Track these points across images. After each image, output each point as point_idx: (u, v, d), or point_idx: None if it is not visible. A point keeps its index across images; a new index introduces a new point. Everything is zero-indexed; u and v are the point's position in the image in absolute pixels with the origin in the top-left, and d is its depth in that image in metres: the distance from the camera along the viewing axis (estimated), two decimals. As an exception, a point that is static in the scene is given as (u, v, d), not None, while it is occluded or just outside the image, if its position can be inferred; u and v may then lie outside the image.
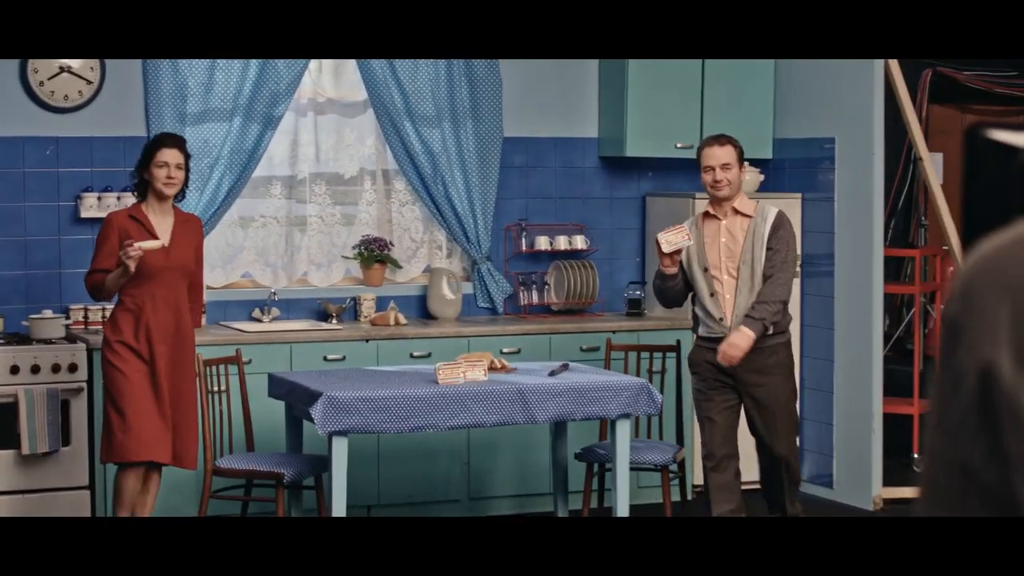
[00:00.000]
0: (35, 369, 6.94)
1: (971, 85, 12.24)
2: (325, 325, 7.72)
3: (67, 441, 6.96)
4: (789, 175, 8.41)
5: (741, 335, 6.32)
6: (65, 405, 6.96)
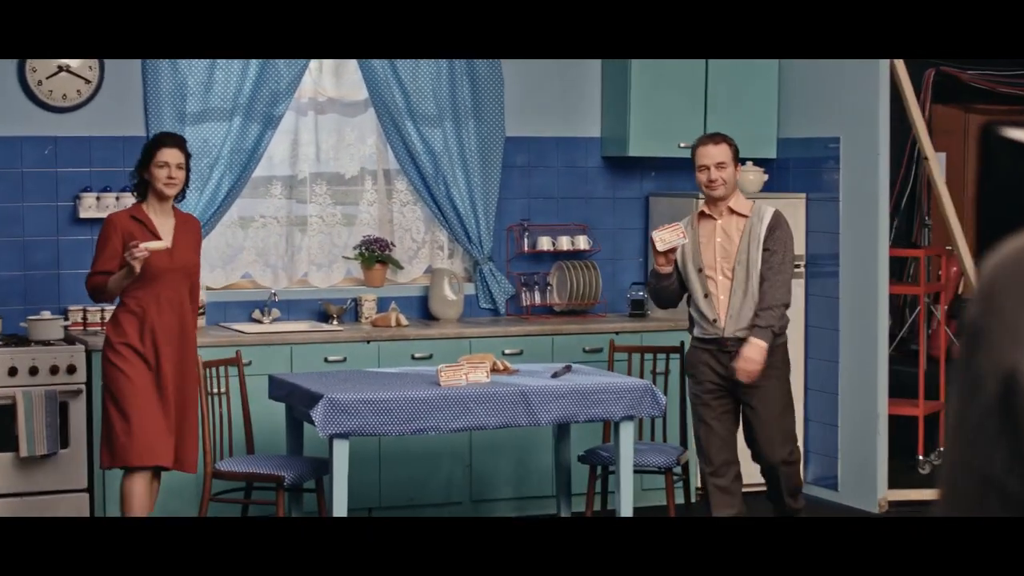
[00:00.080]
0: (33, 371, 6.90)
1: (974, 84, 12.22)
2: (326, 326, 7.68)
3: (66, 443, 6.93)
4: (793, 175, 8.37)
5: (753, 348, 6.25)
6: (64, 407, 6.92)
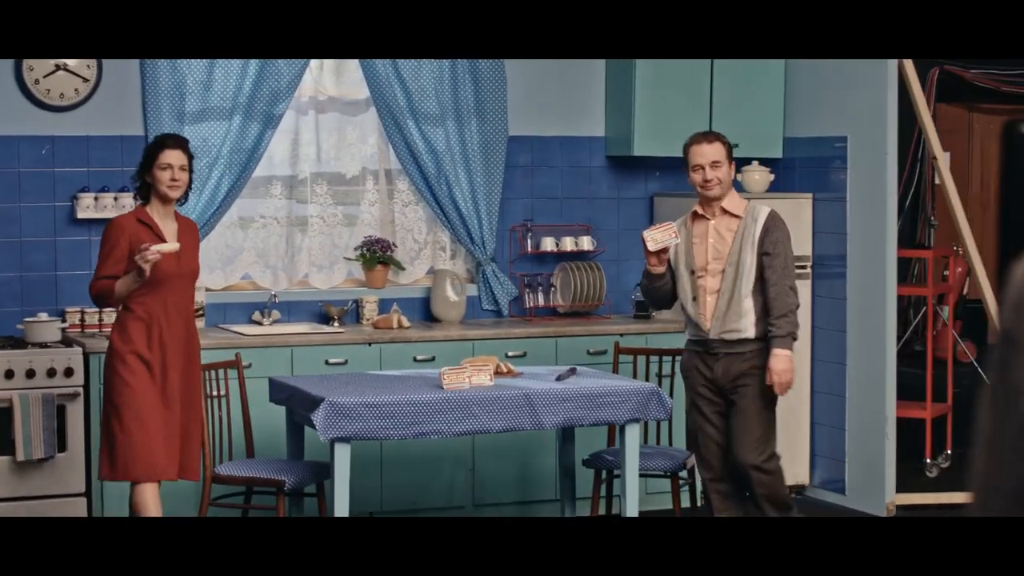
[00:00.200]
0: (30, 373, 6.84)
1: (978, 84, 12.15)
2: (326, 328, 7.62)
3: (63, 447, 6.87)
4: (799, 174, 8.30)
5: (779, 359, 6.16)
6: (61, 410, 6.86)
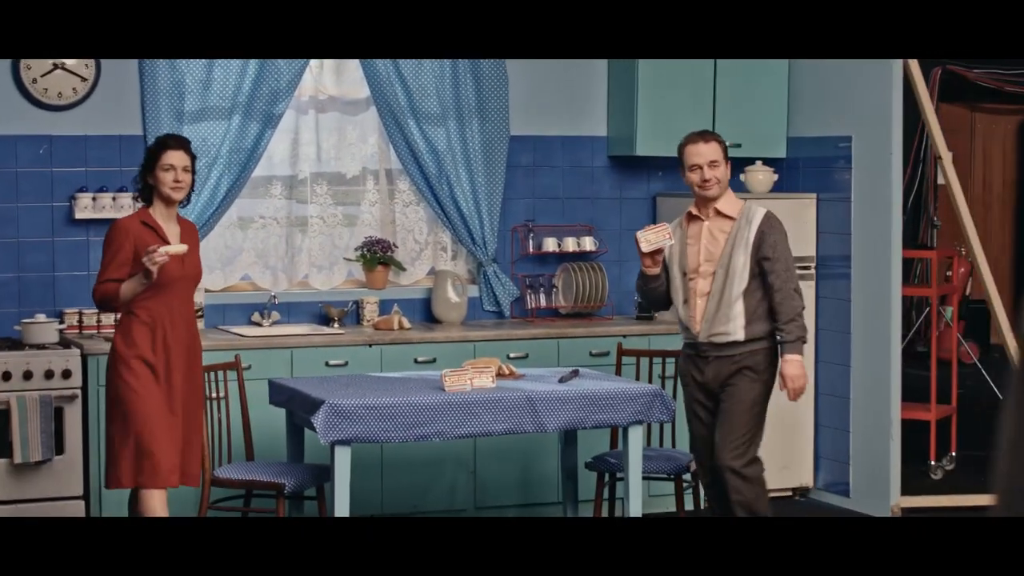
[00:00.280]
0: (28, 375, 6.79)
1: (980, 83, 12.10)
2: (327, 329, 7.58)
3: (61, 450, 6.83)
4: (803, 174, 8.26)
5: (791, 365, 6.07)
6: (59, 412, 6.82)
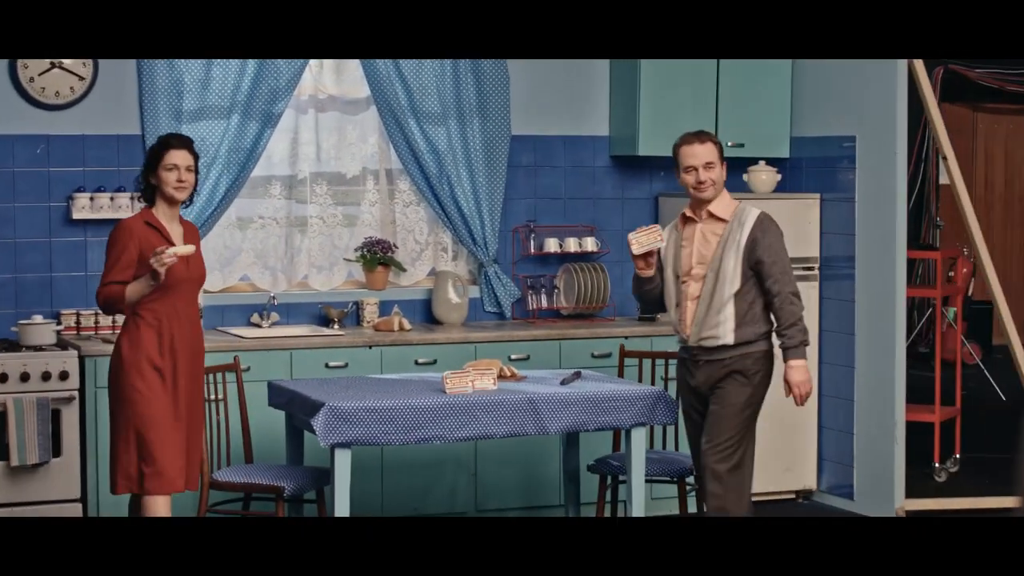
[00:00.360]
0: (24, 377, 6.76)
1: (982, 83, 12.03)
2: (326, 331, 7.54)
3: (58, 452, 6.80)
4: (807, 175, 8.22)
5: (794, 370, 5.98)
6: (56, 414, 6.79)
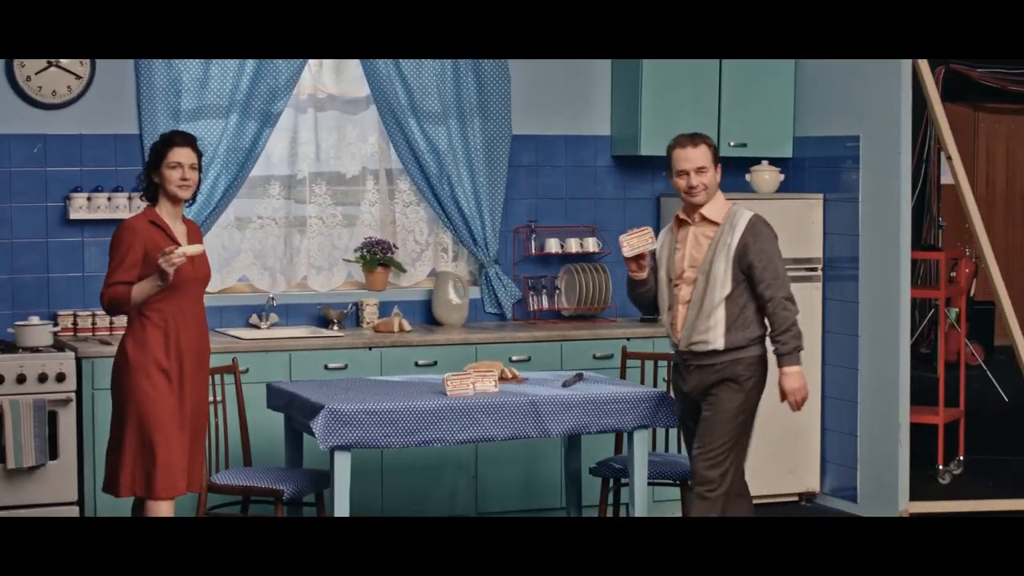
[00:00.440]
0: (21, 379, 6.72)
1: (984, 83, 11.99)
2: (326, 332, 7.51)
3: (54, 455, 6.76)
4: (810, 175, 8.18)
5: (789, 377, 5.92)
6: (53, 417, 6.75)
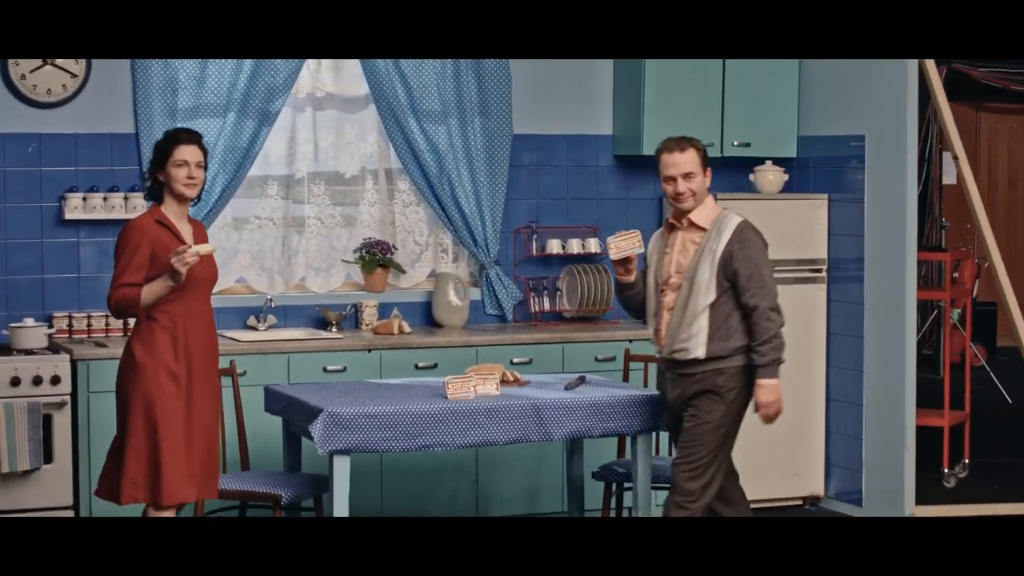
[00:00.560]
0: (15, 381, 6.68)
1: (986, 82, 11.93)
2: (324, 334, 7.47)
3: (49, 458, 6.72)
4: (814, 175, 8.13)
5: (763, 390, 5.79)
6: (47, 420, 6.71)
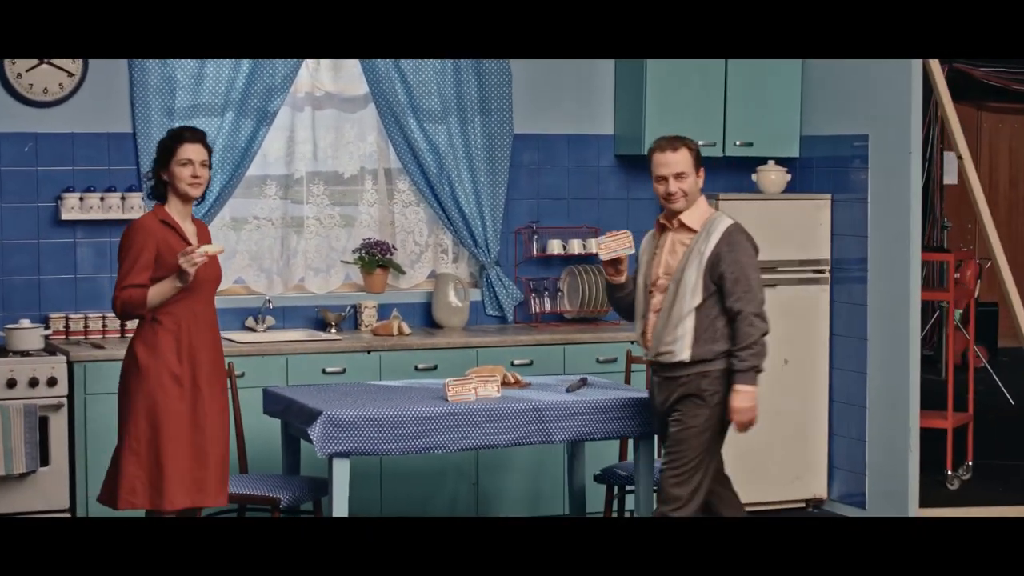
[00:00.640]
0: (11, 383, 6.64)
1: (987, 82, 11.89)
2: (323, 335, 7.44)
3: (46, 461, 6.68)
4: (817, 175, 8.09)
5: (740, 396, 5.71)
6: (44, 422, 6.67)
